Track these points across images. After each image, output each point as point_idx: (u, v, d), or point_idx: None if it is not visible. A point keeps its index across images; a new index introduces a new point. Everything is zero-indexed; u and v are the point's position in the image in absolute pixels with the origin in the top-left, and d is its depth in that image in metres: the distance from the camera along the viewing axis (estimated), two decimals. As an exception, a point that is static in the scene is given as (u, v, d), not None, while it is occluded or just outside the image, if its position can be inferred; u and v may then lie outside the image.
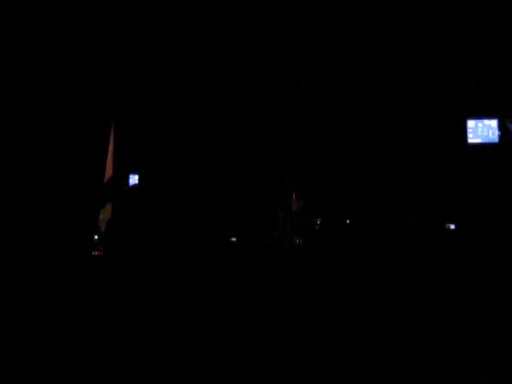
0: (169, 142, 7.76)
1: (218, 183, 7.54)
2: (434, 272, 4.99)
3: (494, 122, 7.15)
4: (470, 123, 7.21)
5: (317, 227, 7.08)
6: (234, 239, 6.62)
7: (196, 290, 4.76)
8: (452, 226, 6.83)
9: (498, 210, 6.59)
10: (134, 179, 7.65)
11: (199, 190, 7.41)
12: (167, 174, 7.59)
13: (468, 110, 7.22)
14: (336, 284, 4.84)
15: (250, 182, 7.56)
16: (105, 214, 7.25)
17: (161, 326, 4.11)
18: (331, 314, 4.25)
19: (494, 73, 7.11)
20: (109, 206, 7.40)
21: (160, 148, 7.76)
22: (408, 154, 7.32)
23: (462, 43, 7.18)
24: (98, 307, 4.38)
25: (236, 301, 4.56)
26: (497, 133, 7.10)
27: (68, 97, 7.29)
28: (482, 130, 7.17)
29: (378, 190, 7.27)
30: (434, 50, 7.29)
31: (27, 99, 7.01)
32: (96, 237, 6.68)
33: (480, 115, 7.18)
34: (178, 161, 7.69)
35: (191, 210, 6.94)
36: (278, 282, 4.94)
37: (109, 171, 7.79)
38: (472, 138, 7.18)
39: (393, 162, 7.38)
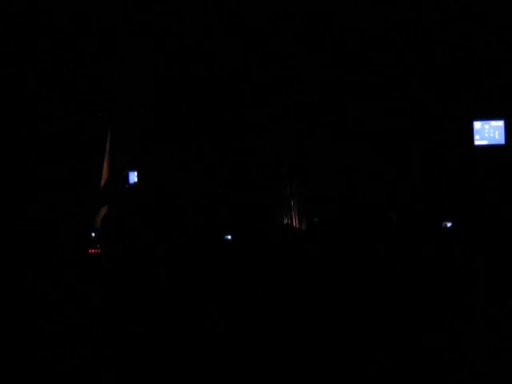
0: (165, 138, 7.69)
1: (218, 178, 7.47)
2: (429, 269, 4.91)
3: (500, 124, 7.07)
4: (477, 125, 7.13)
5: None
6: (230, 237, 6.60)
7: (195, 287, 4.67)
8: (448, 224, 6.76)
9: (504, 211, 6.51)
10: (133, 176, 7.56)
11: (198, 186, 7.33)
12: (165, 171, 7.50)
13: (474, 112, 7.14)
14: (333, 283, 4.75)
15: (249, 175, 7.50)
16: (100, 212, 7.13)
17: (159, 324, 4.04)
18: (330, 313, 4.15)
19: (500, 74, 7.06)
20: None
21: (157, 144, 7.68)
22: (415, 155, 7.23)
23: (469, 44, 7.14)
24: (97, 304, 4.30)
25: (235, 298, 4.46)
26: (503, 134, 7.02)
27: (65, 97, 7.25)
28: (488, 132, 7.08)
29: (383, 191, 7.17)
30: (440, 51, 7.25)
31: (25, 100, 6.99)
32: (93, 234, 6.58)
33: (486, 117, 7.11)
34: (176, 157, 7.60)
35: (191, 206, 6.84)
36: (276, 280, 4.86)
37: (105, 170, 7.69)
38: (479, 140, 7.08)
39: (399, 164, 7.29)
